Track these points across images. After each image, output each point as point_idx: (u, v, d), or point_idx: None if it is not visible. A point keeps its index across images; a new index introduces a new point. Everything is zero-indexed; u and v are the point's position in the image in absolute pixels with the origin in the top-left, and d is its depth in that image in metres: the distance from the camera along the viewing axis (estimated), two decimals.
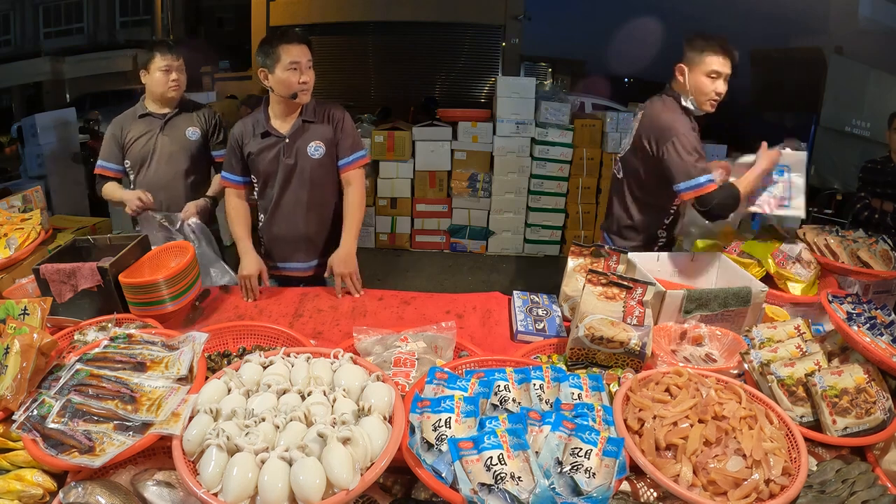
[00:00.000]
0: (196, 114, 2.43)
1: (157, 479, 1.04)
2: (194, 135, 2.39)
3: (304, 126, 2.09)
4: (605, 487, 0.97)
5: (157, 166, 2.37)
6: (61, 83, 7.75)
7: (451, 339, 1.48)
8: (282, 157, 2.09)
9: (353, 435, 0.99)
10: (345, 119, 2.13)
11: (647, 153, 2.04)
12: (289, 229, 2.17)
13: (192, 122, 2.40)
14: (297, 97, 2.01)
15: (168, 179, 2.38)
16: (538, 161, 4.91)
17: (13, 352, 1.15)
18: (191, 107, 2.45)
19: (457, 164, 4.97)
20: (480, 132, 4.90)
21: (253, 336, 1.56)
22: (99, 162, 2.41)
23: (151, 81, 2.32)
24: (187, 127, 2.39)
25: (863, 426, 1.18)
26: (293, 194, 2.14)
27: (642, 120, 2.12)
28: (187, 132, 2.38)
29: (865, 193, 3.23)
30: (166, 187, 2.37)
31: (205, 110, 2.47)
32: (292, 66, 1.97)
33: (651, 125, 2.04)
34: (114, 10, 8.68)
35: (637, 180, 2.15)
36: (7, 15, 8.26)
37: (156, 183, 2.37)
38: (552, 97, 4.97)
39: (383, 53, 6.92)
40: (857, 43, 5.22)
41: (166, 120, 2.37)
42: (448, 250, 5.14)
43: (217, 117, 2.48)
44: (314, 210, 2.16)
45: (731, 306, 1.61)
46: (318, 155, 2.09)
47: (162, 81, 2.30)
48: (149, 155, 2.36)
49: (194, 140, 2.40)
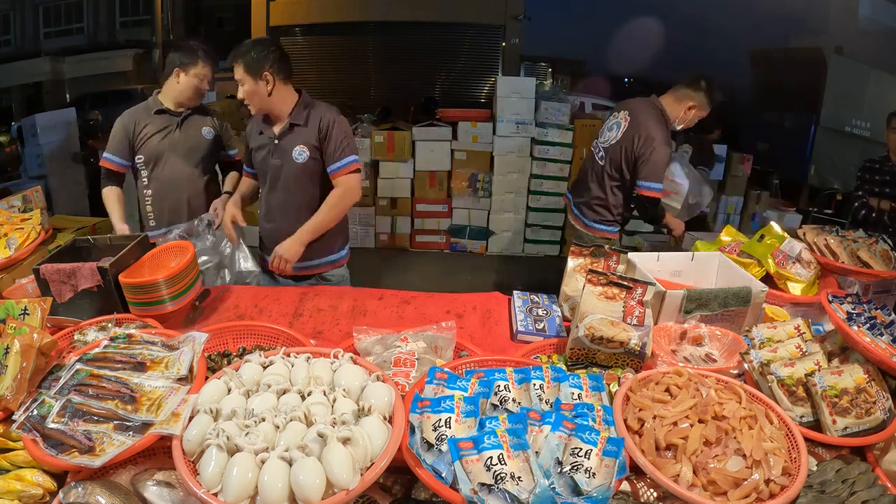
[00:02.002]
0: (209, 115, 2.47)
1: (157, 479, 1.04)
2: (210, 134, 2.43)
3: (291, 129, 2.10)
4: (605, 487, 0.97)
5: (173, 163, 2.37)
6: (61, 83, 7.74)
7: (451, 339, 1.48)
8: (271, 158, 2.12)
9: (353, 435, 0.99)
10: (333, 125, 2.10)
11: (630, 151, 2.52)
12: (278, 227, 2.20)
13: (206, 122, 2.44)
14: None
15: (185, 177, 2.39)
16: (538, 161, 4.91)
17: (13, 352, 1.15)
18: (201, 107, 2.48)
19: (457, 164, 4.97)
20: (480, 132, 4.90)
21: (253, 336, 1.56)
22: (105, 154, 2.37)
23: (183, 83, 2.33)
24: (203, 126, 2.42)
25: (863, 426, 1.18)
26: (281, 194, 2.17)
27: (631, 121, 2.57)
28: (203, 131, 2.42)
29: (863, 192, 3.24)
30: (181, 184, 2.39)
31: (214, 112, 2.52)
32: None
33: (639, 129, 2.51)
34: (114, 10, 8.68)
35: (618, 169, 2.62)
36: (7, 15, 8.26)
37: (171, 180, 2.38)
38: (552, 97, 4.97)
39: (383, 53, 6.92)
40: (857, 43, 5.22)
41: (183, 118, 2.38)
42: (448, 250, 5.15)
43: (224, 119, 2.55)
44: (302, 211, 2.16)
45: (731, 306, 1.61)
46: (301, 159, 2.10)
47: (192, 87, 2.33)
48: (164, 152, 2.36)
49: (209, 139, 2.43)
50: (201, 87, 2.36)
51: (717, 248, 2.02)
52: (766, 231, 2.09)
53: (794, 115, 5.38)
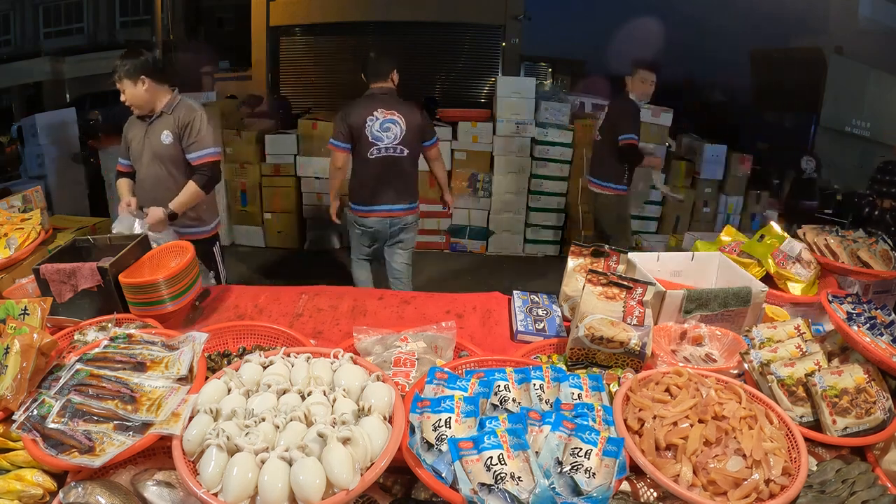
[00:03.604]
0: (174, 116, 2.41)
1: (157, 479, 1.05)
2: (167, 138, 2.40)
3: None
4: (605, 487, 0.97)
5: (146, 168, 2.46)
6: (61, 83, 7.74)
7: (451, 339, 1.48)
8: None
9: (353, 435, 0.99)
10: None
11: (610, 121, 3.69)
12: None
13: (167, 126, 2.40)
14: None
15: (152, 182, 2.45)
16: (538, 161, 4.91)
17: (13, 352, 1.15)
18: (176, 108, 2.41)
19: (457, 164, 4.97)
20: (480, 132, 4.90)
21: (253, 336, 1.56)
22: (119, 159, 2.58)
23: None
24: (163, 131, 2.40)
25: (863, 426, 1.18)
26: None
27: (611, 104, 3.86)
28: (162, 136, 2.40)
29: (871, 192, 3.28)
30: (150, 189, 2.45)
31: (182, 112, 2.41)
32: None
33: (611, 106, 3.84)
34: (114, 10, 8.67)
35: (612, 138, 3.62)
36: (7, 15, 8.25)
37: (143, 183, 2.48)
38: (552, 97, 4.97)
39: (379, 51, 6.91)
40: (857, 43, 5.22)
41: (149, 123, 2.42)
42: (448, 250, 5.14)
43: (193, 118, 2.39)
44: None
45: (731, 306, 1.61)
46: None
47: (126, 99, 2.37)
48: (139, 157, 2.45)
49: (167, 144, 2.40)
50: (124, 100, 2.36)
51: (717, 248, 2.02)
52: (766, 231, 2.09)
53: (794, 115, 5.38)
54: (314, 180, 4.93)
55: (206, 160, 2.42)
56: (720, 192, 4.97)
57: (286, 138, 4.87)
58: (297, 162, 4.89)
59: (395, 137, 2.89)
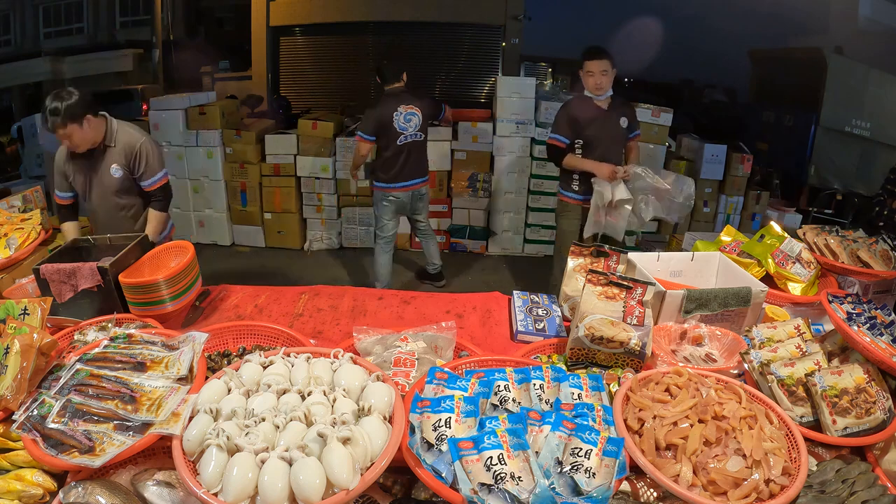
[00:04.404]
0: (118, 149, 2.34)
1: (157, 479, 1.05)
2: (117, 172, 2.36)
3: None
4: (605, 487, 0.97)
5: (97, 201, 2.41)
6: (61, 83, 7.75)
7: (451, 339, 1.48)
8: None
9: (353, 435, 0.99)
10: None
11: None
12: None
13: (114, 160, 2.34)
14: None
15: (105, 214, 2.43)
16: (538, 161, 4.90)
17: (13, 352, 1.15)
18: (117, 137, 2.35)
19: (457, 164, 4.96)
20: (480, 132, 4.89)
21: (253, 336, 1.56)
22: (55, 191, 2.44)
23: None
24: (111, 165, 2.35)
25: (863, 426, 1.18)
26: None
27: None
28: (111, 170, 2.35)
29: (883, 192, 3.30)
30: (104, 219, 2.43)
31: (125, 142, 2.35)
32: None
33: None
34: (114, 10, 8.68)
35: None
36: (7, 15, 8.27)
37: (95, 215, 2.46)
38: (552, 97, 4.96)
39: (383, 53, 6.92)
40: (857, 43, 5.22)
41: (92, 158, 2.34)
42: (448, 250, 5.14)
43: (140, 148, 2.35)
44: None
45: (731, 306, 1.61)
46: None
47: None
48: (86, 191, 2.40)
49: (118, 177, 2.36)
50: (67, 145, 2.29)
51: (717, 248, 2.02)
52: (766, 231, 2.09)
53: (794, 115, 5.37)
54: (314, 180, 4.93)
55: (158, 185, 2.43)
56: (720, 192, 4.97)
57: (286, 138, 4.87)
58: (297, 162, 4.88)
59: (416, 126, 3.62)
